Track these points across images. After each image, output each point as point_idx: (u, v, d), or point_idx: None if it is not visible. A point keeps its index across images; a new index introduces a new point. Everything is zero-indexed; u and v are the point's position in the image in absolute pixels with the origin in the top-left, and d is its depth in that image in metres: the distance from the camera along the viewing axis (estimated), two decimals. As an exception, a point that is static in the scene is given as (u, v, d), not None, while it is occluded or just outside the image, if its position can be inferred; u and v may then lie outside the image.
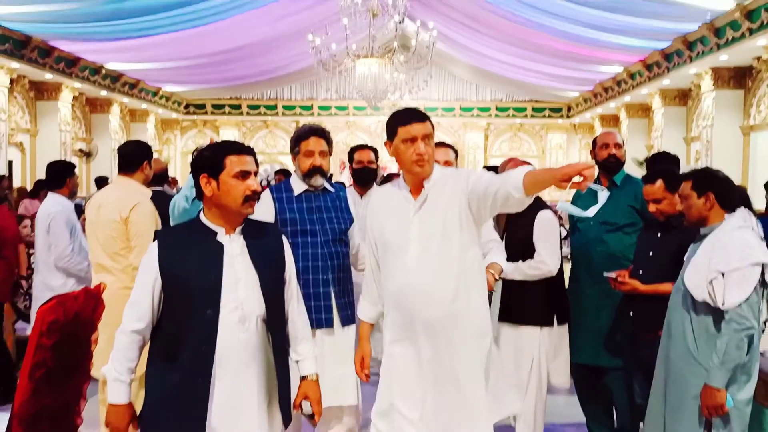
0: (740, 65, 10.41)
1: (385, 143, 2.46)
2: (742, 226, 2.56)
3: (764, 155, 10.16)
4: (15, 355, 4.90)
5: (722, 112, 10.78)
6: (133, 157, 3.45)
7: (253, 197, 2.13)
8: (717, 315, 2.54)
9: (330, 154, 3.06)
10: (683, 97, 12.98)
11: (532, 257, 3.22)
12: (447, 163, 3.18)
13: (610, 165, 3.55)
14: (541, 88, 16.33)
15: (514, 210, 2.35)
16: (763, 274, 2.49)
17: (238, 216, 2.16)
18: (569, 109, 17.85)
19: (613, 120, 16.05)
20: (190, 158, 2.37)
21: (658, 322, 2.83)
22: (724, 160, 10.57)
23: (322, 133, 3.02)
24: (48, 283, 4.03)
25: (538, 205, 3.23)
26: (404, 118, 2.39)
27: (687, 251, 2.75)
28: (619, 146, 3.54)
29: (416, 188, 2.41)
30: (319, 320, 2.89)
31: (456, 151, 3.37)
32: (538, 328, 3.29)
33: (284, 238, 2.33)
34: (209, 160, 2.14)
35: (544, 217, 3.25)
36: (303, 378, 2.34)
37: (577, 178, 2.04)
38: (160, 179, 4.67)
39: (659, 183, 2.99)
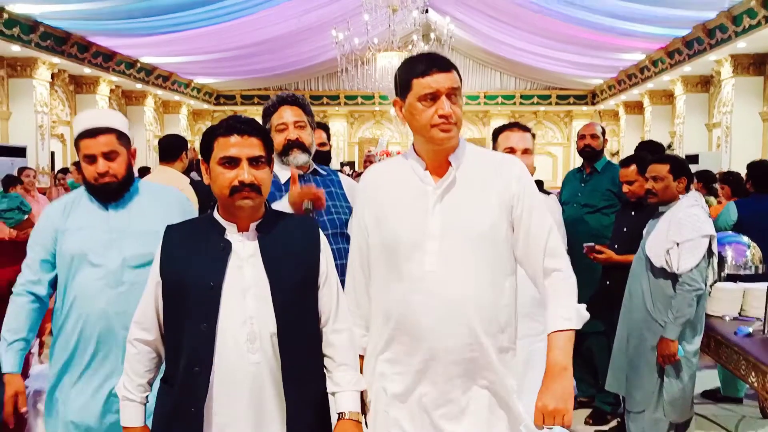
0: (759, 52, 10.50)
1: (394, 102, 1.78)
2: (694, 204, 2.94)
3: (783, 141, 10.26)
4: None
5: (741, 99, 10.88)
6: (173, 147, 3.87)
7: (240, 189, 1.63)
8: (672, 279, 2.92)
9: (312, 127, 2.44)
10: (705, 83, 13.04)
11: None
12: (526, 152, 2.60)
13: (585, 154, 3.99)
14: (565, 76, 16.46)
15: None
16: (710, 244, 2.89)
17: (233, 209, 1.67)
18: (594, 96, 17.94)
19: (637, 107, 16.10)
20: None
21: (630, 289, 3.20)
22: (744, 146, 10.68)
23: (295, 101, 2.41)
24: None
25: (542, 192, 3.58)
26: (421, 66, 1.69)
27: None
28: (595, 137, 3.94)
29: (437, 165, 1.74)
30: None
31: (534, 135, 2.73)
32: None
33: (321, 235, 1.78)
34: (203, 142, 1.72)
35: (553, 203, 3.62)
36: (340, 415, 1.71)
37: None
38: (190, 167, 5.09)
39: (633, 167, 3.40)
